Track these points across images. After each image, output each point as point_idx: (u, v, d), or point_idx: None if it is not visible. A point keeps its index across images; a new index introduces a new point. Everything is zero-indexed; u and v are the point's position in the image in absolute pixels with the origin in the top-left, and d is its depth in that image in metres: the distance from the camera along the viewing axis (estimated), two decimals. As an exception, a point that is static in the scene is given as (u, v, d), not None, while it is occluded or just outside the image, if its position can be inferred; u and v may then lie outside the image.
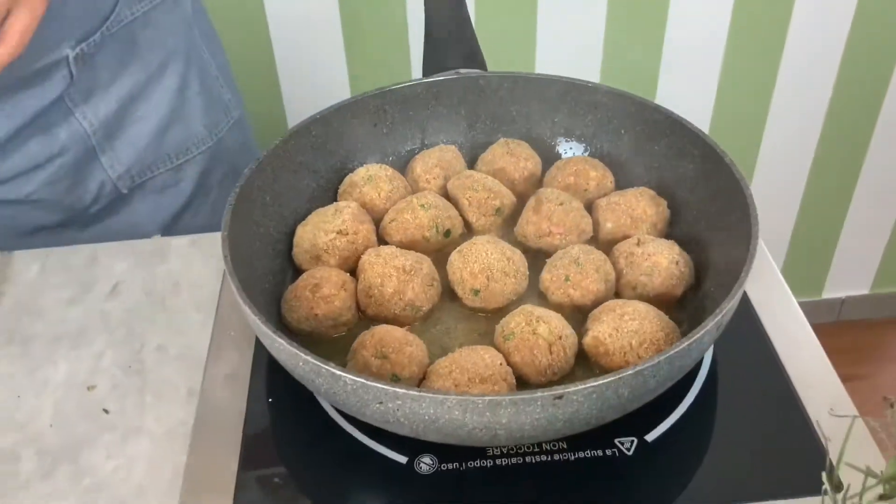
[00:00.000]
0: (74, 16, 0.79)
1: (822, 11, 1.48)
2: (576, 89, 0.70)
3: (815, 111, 1.62)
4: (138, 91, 0.87)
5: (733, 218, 0.57)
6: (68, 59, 0.81)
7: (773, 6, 1.47)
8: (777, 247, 1.85)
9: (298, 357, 0.47)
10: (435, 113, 0.73)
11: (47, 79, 0.80)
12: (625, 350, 0.53)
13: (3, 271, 0.83)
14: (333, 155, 0.70)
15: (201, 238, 0.85)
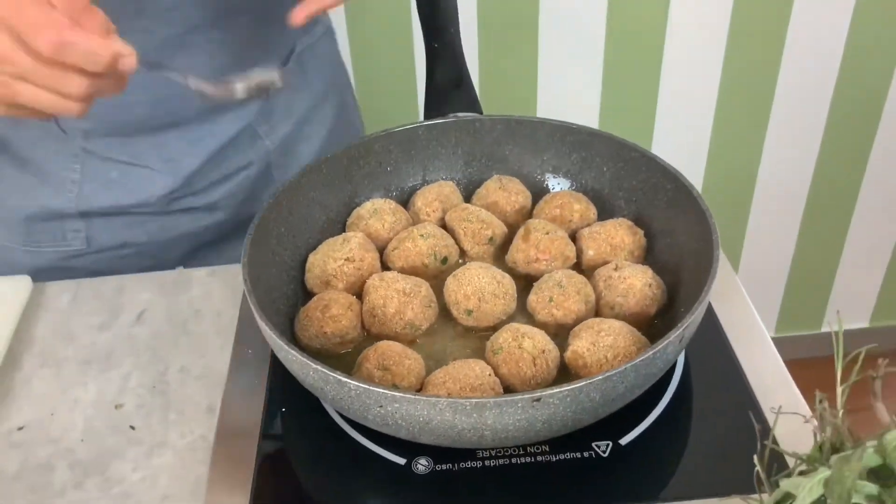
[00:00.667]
0: (275, 48, 0.89)
1: (812, 56, 1.54)
2: (562, 131, 0.76)
3: (808, 148, 1.67)
4: (307, 114, 0.96)
5: (699, 245, 0.63)
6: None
7: (764, 51, 1.53)
8: (775, 281, 1.88)
9: (309, 367, 0.53)
10: (435, 152, 0.79)
11: (248, 103, 0.88)
12: (601, 363, 0.59)
13: (37, 300, 0.89)
14: (342, 190, 0.76)
15: (220, 270, 0.91)
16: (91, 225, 0.91)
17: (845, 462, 0.33)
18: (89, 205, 0.89)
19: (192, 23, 0.80)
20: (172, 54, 0.80)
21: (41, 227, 0.91)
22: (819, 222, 1.77)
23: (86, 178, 0.88)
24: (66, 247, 0.92)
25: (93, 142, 0.86)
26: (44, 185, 0.89)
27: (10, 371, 0.80)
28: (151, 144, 0.87)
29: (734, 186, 1.72)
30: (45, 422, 0.73)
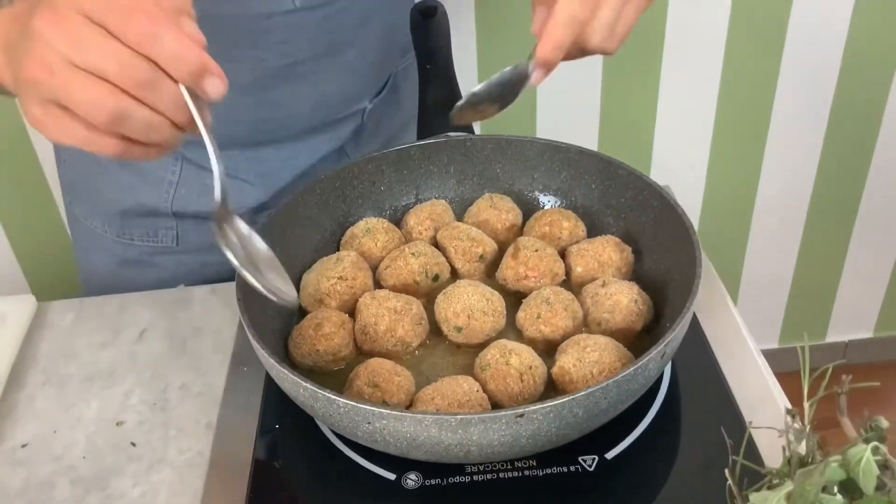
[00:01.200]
0: (376, 73, 0.93)
1: (810, 67, 1.55)
2: (551, 149, 0.78)
3: (808, 160, 1.67)
4: (394, 135, 1.00)
5: (685, 261, 0.64)
6: (364, 110, 0.94)
7: (762, 62, 1.54)
8: (778, 292, 1.88)
9: (300, 385, 0.55)
10: (427, 172, 0.81)
11: (344, 124, 0.93)
12: (587, 378, 0.60)
13: (41, 318, 0.91)
14: (336, 210, 0.78)
15: (220, 287, 0.92)
16: (182, 225, 0.95)
17: (808, 476, 0.34)
18: (183, 207, 0.94)
19: (301, 55, 0.83)
20: (280, 83, 0.84)
21: (135, 222, 0.96)
22: (821, 233, 1.77)
23: (183, 182, 0.92)
24: (156, 243, 0.96)
25: (192, 151, 0.90)
26: (143, 183, 0.93)
27: (13, 389, 0.82)
28: (248, 159, 0.91)
29: (735, 198, 1.72)
30: (47, 439, 0.75)
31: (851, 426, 0.38)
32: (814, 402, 0.39)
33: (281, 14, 0.78)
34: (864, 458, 0.36)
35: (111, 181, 0.94)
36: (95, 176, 0.96)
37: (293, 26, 0.80)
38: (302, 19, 0.80)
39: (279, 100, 0.86)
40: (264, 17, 0.78)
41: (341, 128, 0.93)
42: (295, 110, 0.88)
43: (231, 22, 0.78)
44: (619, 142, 1.60)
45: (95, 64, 0.47)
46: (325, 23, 0.82)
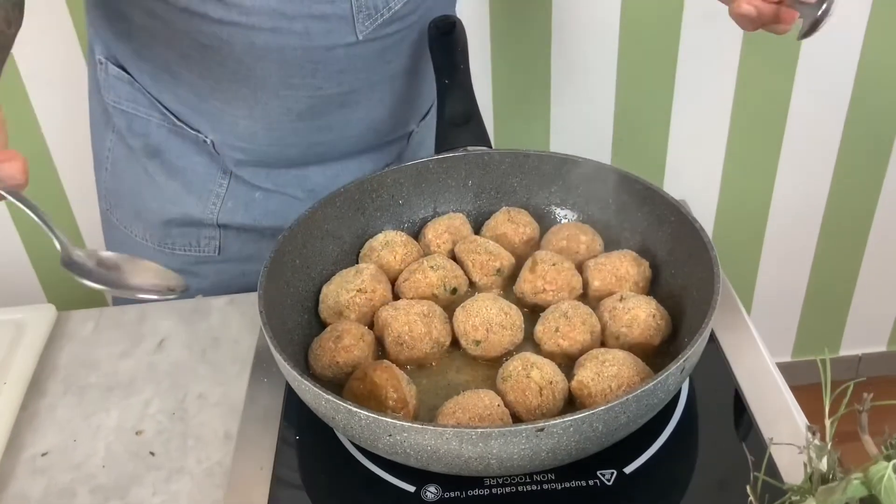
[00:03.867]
0: (425, 99, 0.96)
1: (824, 79, 1.54)
2: (568, 164, 0.79)
3: (822, 172, 1.66)
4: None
5: (703, 276, 0.64)
6: (411, 133, 0.97)
7: (776, 75, 1.53)
8: (792, 305, 1.88)
9: (321, 397, 0.55)
10: (445, 185, 0.81)
11: (391, 147, 0.96)
12: (605, 392, 0.60)
13: (61, 328, 0.92)
14: (355, 223, 0.79)
15: (238, 298, 0.93)
16: (225, 235, 0.97)
17: (830, 493, 0.34)
18: (229, 219, 0.95)
19: (357, 84, 0.85)
20: (335, 109, 0.86)
21: (178, 232, 0.97)
22: (834, 246, 1.77)
23: (230, 196, 0.94)
24: (198, 252, 0.98)
25: (242, 169, 0.92)
26: (189, 194, 0.94)
27: (34, 398, 0.83)
28: (295, 176, 0.94)
29: (749, 211, 1.72)
30: (67, 448, 0.75)
31: (873, 444, 0.39)
32: (835, 420, 0.40)
33: (343, 46, 0.80)
34: (885, 475, 0.36)
35: (157, 191, 0.96)
36: (140, 184, 0.97)
37: (353, 58, 0.82)
38: (362, 51, 0.82)
39: (332, 124, 0.88)
40: (326, 49, 0.80)
41: (388, 149, 0.96)
42: (346, 134, 0.91)
43: (294, 53, 0.79)
44: (632, 156, 1.60)
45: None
46: (383, 54, 0.84)
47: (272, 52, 0.79)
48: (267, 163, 0.92)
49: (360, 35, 0.80)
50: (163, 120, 0.92)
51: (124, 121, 0.94)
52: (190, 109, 0.90)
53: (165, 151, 0.94)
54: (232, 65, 0.78)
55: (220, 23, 0.75)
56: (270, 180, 0.94)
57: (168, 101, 0.91)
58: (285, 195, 0.94)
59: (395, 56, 0.86)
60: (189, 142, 0.92)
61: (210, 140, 0.91)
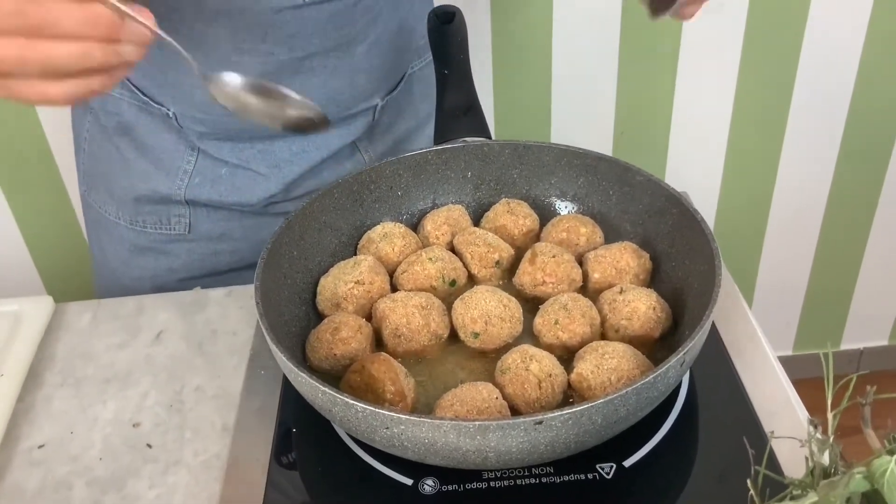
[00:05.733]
0: (387, 70, 0.94)
1: (826, 73, 1.54)
2: (569, 155, 0.78)
3: (824, 166, 1.67)
4: (407, 135, 1.01)
5: (704, 269, 0.64)
6: (376, 108, 0.94)
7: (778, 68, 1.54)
8: (793, 299, 1.88)
9: (318, 389, 0.55)
10: (444, 176, 0.81)
11: (356, 120, 0.94)
12: (605, 385, 0.60)
13: (58, 319, 0.92)
14: (353, 214, 0.78)
15: (236, 290, 0.93)
16: (194, 213, 0.97)
17: (831, 488, 0.34)
18: (196, 195, 0.95)
19: (311, 49, 0.84)
20: (290, 77, 0.85)
21: (148, 210, 0.98)
22: (836, 240, 1.77)
23: (197, 171, 0.94)
24: (168, 230, 0.98)
25: (206, 143, 0.92)
26: (157, 171, 0.95)
27: (31, 389, 0.82)
28: (260, 151, 0.93)
29: (750, 204, 1.72)
30: (64, 440, 0.75)
31: (876, 438, 0.38)
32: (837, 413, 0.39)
33: (290, 9, 0.80)
34: (889, 469, 0.35)
35: (127, 168, 0.96)
36: (113, 163, 0.98)
37: (302, 21, 0.81)
38: (310, 14, 0.81)
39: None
40: (273, 11, 0.79)
41: (353, 124, 0.94)
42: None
43: (241, 16, 0.79)
44: (633, 147, 1.60)
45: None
46: (333, 18, 0.83)
47: (221, 17, 0.79)
48: (229, 136, 0.92)
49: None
50: (132, 98, 0.92)
51: (99, 101, 0.95)
52: (152, 82, 0.90)
53: (135, 129, 0.95)
54: (185, 31, 0.77)
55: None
56: (235, 155, 0.94)
57: (135, 76, 0.91)
58: (250, 170, 0.94)
59: (348, 22, 0.85)
60: (157, 119, 0.92)
61: (172, 113, 0.91)
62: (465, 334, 0.67)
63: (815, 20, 1.49)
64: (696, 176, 1.66)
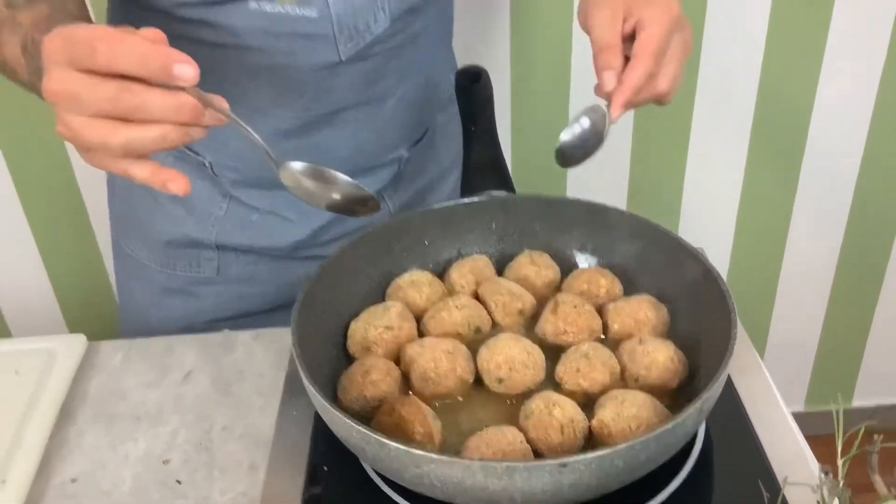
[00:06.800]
0: (413, 123, 0.99)
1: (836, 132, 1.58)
2: (589, 209, 0.81)
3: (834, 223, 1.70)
4: (430, 185, 1.05)
5: (720, 324, 0.67)
6: (401, 159, 0.99)
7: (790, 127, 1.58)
8: (804, 355, 1.89)
9: (352, 428, 0.58)
10: (470, 228, 0.84)
11: (382, 171, 0.99)
12: (625, 432, 0.62)
13: (91, 358, 0.95)
14: (383, 262, 0.81)
15: (262, 333, 0.96)
16: (224, 257, 1.01)
17: (844, 529, 0.36)
18: (227, 240, 0.99)
19: (344, 104, 0.89)
20: (323, 128, 0.90)
21: (179, 253, 1.01)
22: (847, 296, 1.79)
23: (228, 217, 0.98)
24: (198, 273, 1.02)
25: (238, 190, 0.96)
26: (190, 216, 0.99)
27: (65, 425, 0.85)
28: (290, 198, 0.95)
29: (762, 261, 1.75)
30: (96, 475, 0.77)
31: (882, 483, 0.40)
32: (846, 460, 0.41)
33: (327, 67, 0.84)
34: (897, 513, 0.38)
35: (162, 213, 1.00)
36: (146, 208, 1.01)
37: (337, 78, 0.86)
38: (346, 71, 0.86)
39: (321, 144, 0.91)
40: (312, 69, 0.84)
41: (379, 174, 0.98)
42: (335, 155, 0.93)
43: (282, 73, 0.84)
44: (647, 204, 1.64)
45: (92, 110, 0.55)
46: (367, 76, 0.88)
47: (262, 72, 0.84)
48: (261, 184, 0.96)
49: (342, 55, 0.84)
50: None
51: None
52: None
53: None
54: (227, 87, 0.82)
55: (214, 45, 0.79)
56: (266, 202, 0.97)
57: None
58: (280, 216, 0.98)
59: (380, 79, 0.90)
60: (192, 166, 0.96)
61: (208, 162, 0.95)
62: (489, 379, 0.70)
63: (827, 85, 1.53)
64: (709, 232, 1.70)
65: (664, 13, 0.71)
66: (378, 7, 0.83)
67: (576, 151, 0.73)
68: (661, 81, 0.72)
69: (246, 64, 0.82)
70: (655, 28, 0.70)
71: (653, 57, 0.70)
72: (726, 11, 1.46)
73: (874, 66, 1.52)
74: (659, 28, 0.70)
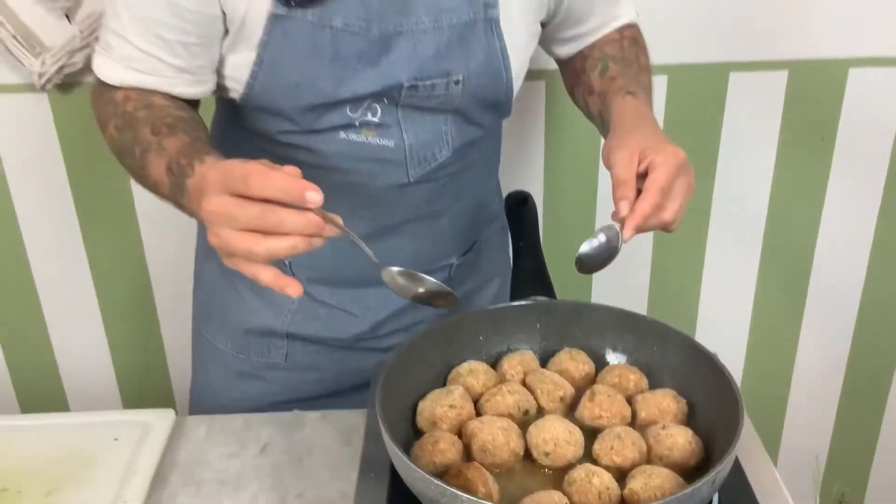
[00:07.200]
0: (463, 237, 1.16)
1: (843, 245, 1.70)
2: (620, 316, 0.96)
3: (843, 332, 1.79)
4: (476, 289, 1.21)
5: (731, 417, 0.79)
6: (452, 265, 1.15)
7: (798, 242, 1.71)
8: (815, 460, 1.91)
9: (430, 482, 0.71)
10: (518, 327, 0.98)
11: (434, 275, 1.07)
12: (652, 499, 0.75)
13: (179, 430, 1.07)
14: (445, 353, 0.95)
15: (329, 414, 1.09)
16: (292, 345, 1.14)
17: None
18: (296, 330, 1.13)
19: (407, 217, 1.05)
20: (387, 237, 1.05)
21: (253, 341, 1.15)
22: (856, 403, 1.86)
23: (299, 310, 1.13)
24: (268, 359, 1.15)
25: (311, 286, 1.10)
26: (267, 308, 1.13)
27: (158, 487, 0.98)
28: (355, 296, 1.12)
29: (774, 367, 1.83)
30: (186, 534, 0.89)
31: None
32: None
33: (398, 186, 1.01)
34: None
35: (242, 305, 1.15)
36: (230, 301, 1.16)
37: (404, 196, 1.02)
38: (412, 191, 1.02)
39: (386, 250, 1.03)
40: (384, 188, 1.01)
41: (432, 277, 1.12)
42: (397, 260, 1.06)
43: (359, 189, 1.00)
44: (666, 307, 1.76)
45: (241, 226, 0.70)
46: (427, 194, 1.04)
47: (344, 188, 0.99)
48: (331, 281, 1.10)
49: (411, 178, 1.01)
50: None
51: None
52: None
53: None
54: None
55: (307, 165, 0.89)
56: (334, 298, 1.12)
57: None
58: (345, 311, 1.12)
59: (439, 197, 1.05)
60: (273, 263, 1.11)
61: (288, 261, 1.10)
62: (537, 453, 0.83)
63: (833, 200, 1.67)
64: (723, 339, 1.80)
65: (672, 157, 0.84)
66: (443, 141, 1.00)
67: (593, 261, 0.88)
68: (666, 213, 0.85)
69: (331, 181, 0.96)
70: (664, 169, 0.83)
71: (660, 192, 0.83)
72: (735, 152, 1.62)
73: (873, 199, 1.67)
74: (667, 170, 0.83)
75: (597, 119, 1.05)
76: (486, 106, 1.01)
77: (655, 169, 0.84)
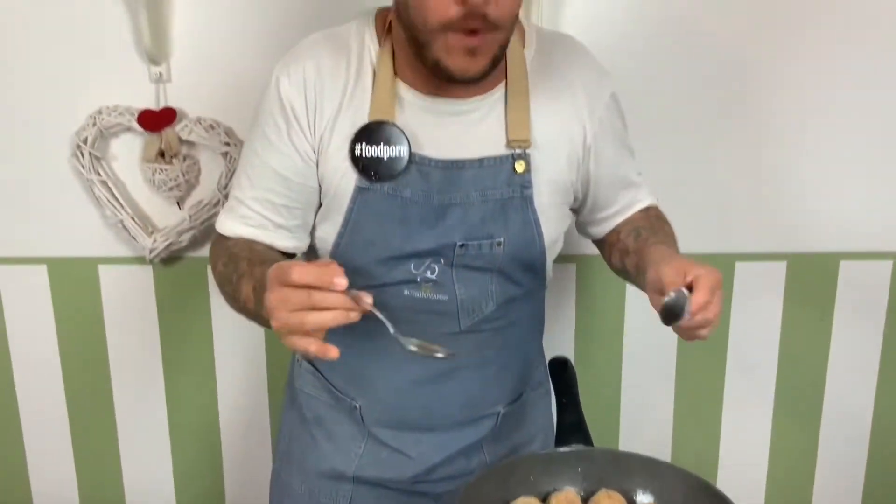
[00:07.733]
0: (511, 387, 1.29)
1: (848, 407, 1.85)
2: (650, 463, 1.13)
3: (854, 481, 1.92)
4: (520, 442, 1.33)
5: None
6: (499, 414, 1.28)
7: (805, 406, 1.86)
8: None
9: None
10: (562, 470, 1.14)
11: (483, 422, 1.27)
12: None
13: None
14: (501, 490, 1.12)
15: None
16: (356, 489, 1.28)
17: None
18: (362, 472, 1.27)
19: (460, 363, 1.19)
20: (442, 380, 1.20)
21: (323, 484, 1.29)
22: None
23: (365, 452, 1.27)
24: (335, 502, 1.29)
25: (376, 429, 1.26)
26: (337, 452, 1.28)
27: None
28: (414, 440, 1.27)
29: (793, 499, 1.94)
30: None
31: None
32: None
33: (450, 333, 1.18)
34: None
35: (317, 451, 1.30)
36: (306, 445, 1.32)
37: (458, 342, 1.16)
38: (463, 339, 1.19)
39: (441, 392, 1.23)
40: (439, 335, 1.17)
41: (481, 424, 1.25)
42: (451, 403, 1.24)
43: (420, 338, 1.11)
44: (688, 455, 1.89)
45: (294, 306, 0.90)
46: (478, 342, 1.21)
47: (406, 336, 1.03)
48: (394, 424, 1.23)
49: (462, 327, 1.16)
50: (329, 397, 1.28)
51: (304, 400, 1.33)
52: (347, 381, 1.25)
53: (327, 421, 1.29)
54: (382, 342, 1.02)
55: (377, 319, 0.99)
56: (395, 441, 1.26)
57: (334, 378, 1.28)
58: (403, 454, 1.25)
59: (487, 347, 1.19)
60: (344, 412, 1.27)
61: (358, 405, 1.24)
62: (583, 575, 1.00)
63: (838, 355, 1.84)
64: (743, 481, 1.93)
65: (713, 273, 0.98)
66: (489, 296, 1.19)
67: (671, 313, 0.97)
68: (711, 311, 0.96)
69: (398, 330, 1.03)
70: (709, 279, 0.96)
71: (710, 291, 0.95)
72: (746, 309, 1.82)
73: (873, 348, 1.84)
74: (711, 279, 0.96)
75: (633, 274, 1.18)
76: (524, 267, 1.17)
77: (700, 279, 0.96)
